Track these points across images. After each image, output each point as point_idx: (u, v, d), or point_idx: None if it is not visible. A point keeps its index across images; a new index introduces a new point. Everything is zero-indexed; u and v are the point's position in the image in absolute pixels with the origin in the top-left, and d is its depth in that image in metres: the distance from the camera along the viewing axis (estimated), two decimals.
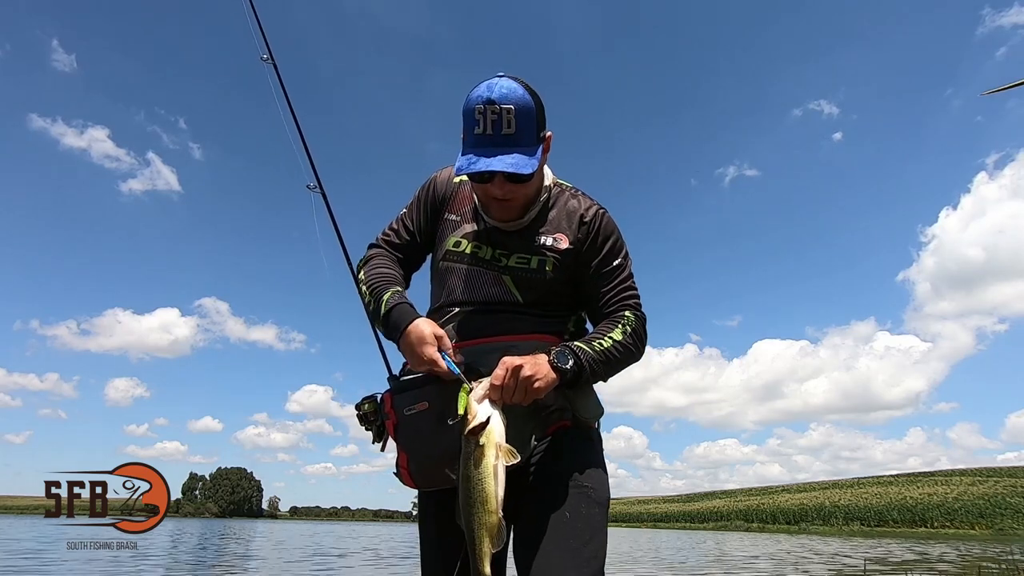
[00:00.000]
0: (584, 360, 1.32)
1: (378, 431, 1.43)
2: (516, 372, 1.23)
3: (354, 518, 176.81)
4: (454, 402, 1.26)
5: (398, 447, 1.39)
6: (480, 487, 1.17)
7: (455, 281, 1.48)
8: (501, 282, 1.44)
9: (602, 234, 1.45)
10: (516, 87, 1.30)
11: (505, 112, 1.28)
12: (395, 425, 1.38)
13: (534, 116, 1.32)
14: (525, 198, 1.40)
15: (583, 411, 1.41)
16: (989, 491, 60.99)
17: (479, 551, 1.18)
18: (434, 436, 1.32)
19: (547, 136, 1.39)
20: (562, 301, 1.48)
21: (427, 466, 1.35)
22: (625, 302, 1.45)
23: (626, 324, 1.42)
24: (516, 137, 1.29)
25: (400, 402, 1.38)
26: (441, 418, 1.30)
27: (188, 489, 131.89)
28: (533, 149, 1.32)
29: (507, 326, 1.41)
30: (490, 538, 1.18)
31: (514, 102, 1.28)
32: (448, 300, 1.48)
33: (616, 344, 1.39)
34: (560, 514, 1.31)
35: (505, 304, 1.43)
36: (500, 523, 1.18)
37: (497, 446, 1.19)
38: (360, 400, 1.45)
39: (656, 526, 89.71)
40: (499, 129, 1.28)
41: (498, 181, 1.33)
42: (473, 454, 1.18)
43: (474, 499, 1.17)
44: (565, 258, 1.43)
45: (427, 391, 1.35)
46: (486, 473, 1.17)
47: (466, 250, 1.47)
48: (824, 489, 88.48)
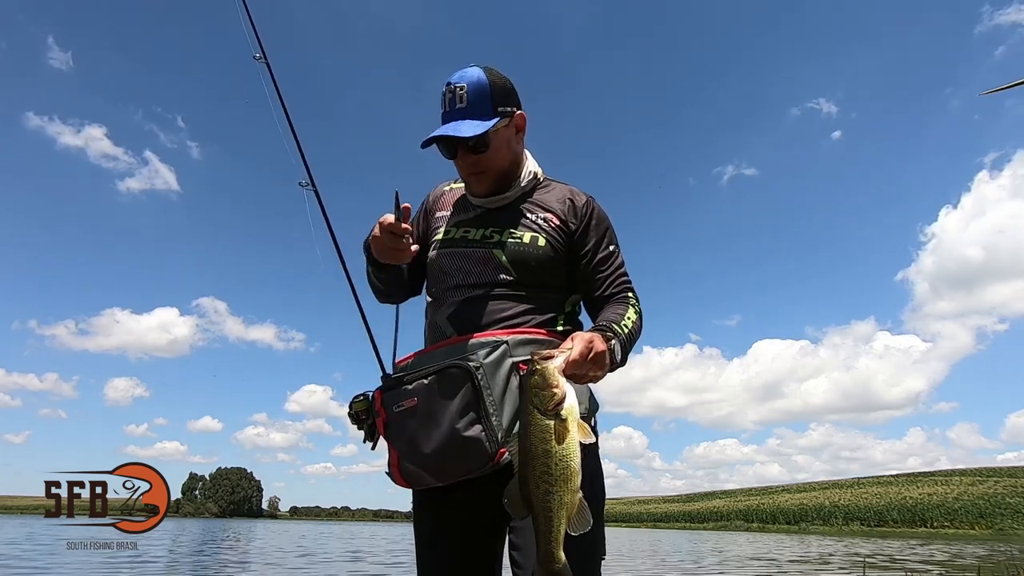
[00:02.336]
0: (622, 344, 1.32)
1: (369, 430, 1.43)
2: (599, 356, 1.21)
3: (354, 518, 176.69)
4: (442, 399, 1.25)
5: (389, 445, 1.39)
6: (564, 463, 1.08)
7: (446, 265, 1.48)
8: (492, 258, 1.43)
9: (595, 219, 1.49)
10: (474, 70, 1.43)
11: (459, 89, 1.41)
12: (385, 423, 1.38)
13: (487, 91, 1.41)
14: (497, 168, 1.46)
15: (579, 405, 1.37)
16: (989, 491, 61.01)
17: (555, 534, 1.08)
18: (423, 433, 1.31)
19: (514, 112, 1.46)
20: (555, 281, 1.46)
21: (417, 464, 1.34)
22: (624, 286, 1.47)
23: (635, 305, 1.44)
24: (467, 110, 1.40)
25: (389, 399, 1.37)
26: (430, 415, 1.30)
27: (188, 489, 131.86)
28: (485, 118, 1.40)
29: (500, 311, 1.40)
30: (568, 519, 1.09)
31: (467, 80, 1.41)
32: (440, 286, 1.49)
33: (635, 325, 1.40)
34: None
35: (497, 282, 1.42)
36: (583, 503, 1.10)
37: (578, 422, 1.12)
38: (352, 398, 1.45)
39: (656, 526, 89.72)
40: (454, 105, 1.41)
41: (461, 152, 1.43)
42: (554, 428, 1.09)
43: (556, 476, 1.08)
44: (557, 235, 1.45)
45: (416, 388, 1.34)
46: (571, 449, 1.09)
47: (455, 236, 1.50)
48: (824, 489, 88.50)
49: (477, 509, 1.35)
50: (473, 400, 1.28)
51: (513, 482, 1.13)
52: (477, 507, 1.35)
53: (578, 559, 1.14)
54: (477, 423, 1.27)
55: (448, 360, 1.32)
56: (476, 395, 1.28)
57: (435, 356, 1.37)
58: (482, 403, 1.28)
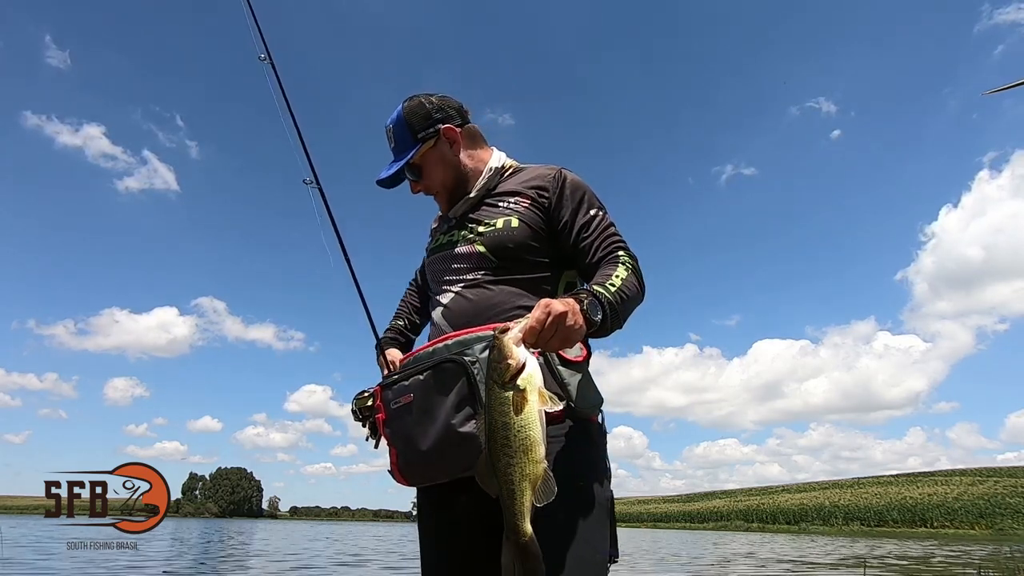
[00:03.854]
0: (607, 307, 1.24)
1: (372, 427, 1.43)
2: (558, 318, 1.13)
3: (354, 518, 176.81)
4: (438, 394, 1.26)
5: (388, 443, 1.39)
6: (524, 434, 1.05)
7: (435, 269, 1.55)
8: (473, 251, 1.45)
9: (568, 187, 1.45)
10: (398, 107, 1.57)
11: (388, 131, 1.58)
12: (384, 419, 1.38)
13: (405, 125, 1.54)
14: (441, 185, 1.56)
15: (579, 399, 1.32)
16: (989, 491, 61.01)
17: (519, 506, 1.06)
18: (420, 429, 1.31)
19: (439, 131, 1.54)
20: (541, 260, 1.44)
21: (415, 461, 1.34)
22: (613, 246, 1.41)
23: (625, 262, 1.36)
24: (396, 149, 1.57)
25: (388, 396, 1.38)
26: (426, 411, 1.30)
27: (188, 489, 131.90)
28: (407, 151, 1.54)
29: (491, 300, 1.40)
30: (533, 490, 1.06)
31: (391, 121, 1.57)
32: (434, 287, 1.55)
33: (625, 283, 1.31)
34: (556, 516, 1.22)
35: (483, 271, 1.43)
36: (547, 473, 1.07)
37: (539, 390, 1.09)
38: (356, 395, 1.46)
39: (656, 526, 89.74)
40: (390, 145, 1.59)
41: (410, 184, 1.59)
42: (512, 400, 1.06)
43: (515, 447, 1.05)
44: (531, 211, 1.44)
45: (412, 384, 1.34)
46: (530, 419, 1.06)
47: (441, 242, 1.57)
48: (824, 489, 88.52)
49: (479, 509, 1.33)
50: (468, 395, 1.26)
51: (483, 457, 1.11)
52: (479, 507, 1.33)
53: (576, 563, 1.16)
54: (473, 419, 1.25)
55: (445, 355, 1.32)
56: (471, 390, 1.26)
57: (434, 353, 1.36)
58: (477, 398, 1.25)
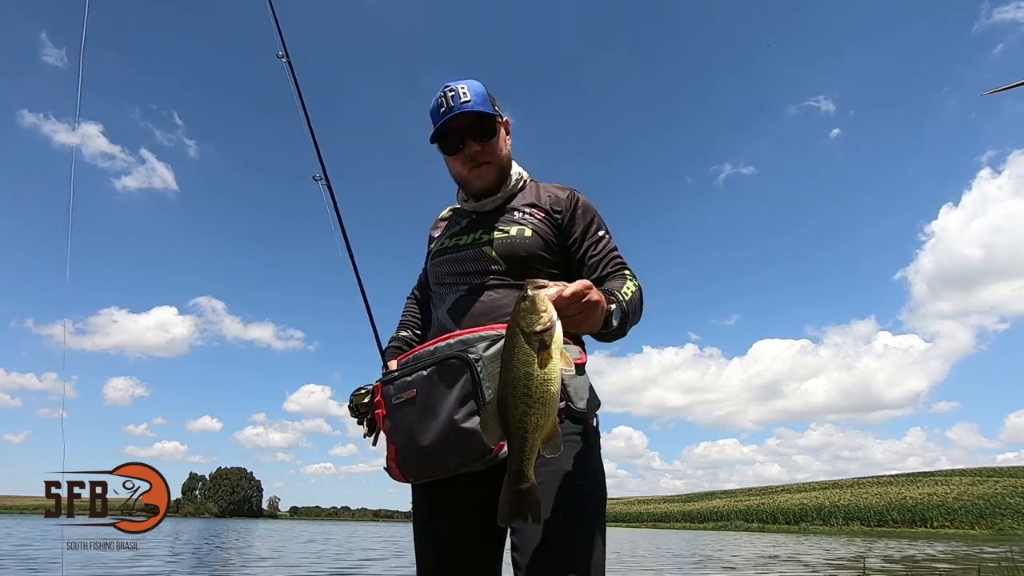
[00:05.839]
0: (623, 311, 1.31)
1: (370, 424, 1.43)
2: (593, 302, 1.17)
3: (354, 518, 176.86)
4: (441, 390, 1.27)
5: (387, 439, 1.39)
6: (545, 387, 1.06)
7: (441, 271, 1.55)
8: (482, 255, 1.47)
9: (581, 208, 1.53)
10: (463, 80, 1.52)
11: (460, 88, 1.49)
12: (384, 415, 1.39)
13: (485, 95, 1.51)
14: (498, 160, 1.53)
15: (579, 401, 1.34)
16: (989, 491, 60.99)
17: (528, 453, 1.07)
18: (422, 425, 1.31)
19: (504, 119, 1.56)
20: (548, 271, 1.46)
21: (414, 457, 1.34)
22: (619, 265, 1.49)
23: (633, 279, 1.44)
24: (469, 103, 1.48)
25: (390, 391, 1.38)
26: (429, 406, 1.30)
27: (188, 489, 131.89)
28: (488, 107, 1.50)
29: (496, 303, 1.41)
30: (543, 441, 1.07)
31: (466, 83, 1.50)
32: (438, 288, 1.56)
33: (635, 296, 1.39)
34: (554, 517, 1.25)
35: (490, 275, 1.45)
36: (557, 428, 1.09)
37: (562, 352, 1.09)
38: (353, 391, 1.46)
39: (656, 526, 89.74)
40: (456, 100, 1.48)
41: (468, 142, 1.49)
42: (538, 353, 1.07)
43: (535, 398, 1.05)
44: (544, 225, 1.49)
45: (415, 379, 1.35)
46: (553, 375, 1.07)
47: (447, 245, 1.56)
48: (824, 489, 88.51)
49: (477, 509, 1.34)
50: (472, 391, 1.28)
51: (491, 404, 1.10)
52: (478, 507, 1.34)
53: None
54: (476, 415, 1.26)
55: (448, 352, 1.33)
56: (475, 387, 1.28)
57: (436, 351, 1.37)
58: (481, 395, 1.27)
